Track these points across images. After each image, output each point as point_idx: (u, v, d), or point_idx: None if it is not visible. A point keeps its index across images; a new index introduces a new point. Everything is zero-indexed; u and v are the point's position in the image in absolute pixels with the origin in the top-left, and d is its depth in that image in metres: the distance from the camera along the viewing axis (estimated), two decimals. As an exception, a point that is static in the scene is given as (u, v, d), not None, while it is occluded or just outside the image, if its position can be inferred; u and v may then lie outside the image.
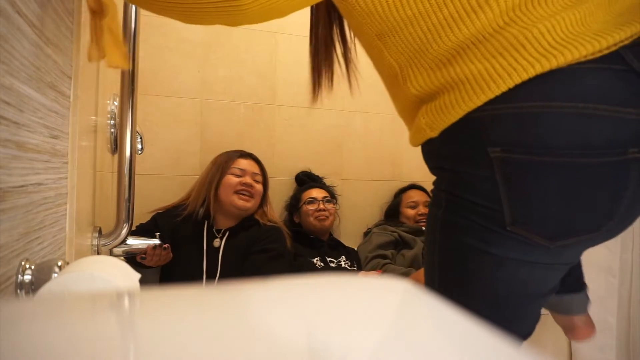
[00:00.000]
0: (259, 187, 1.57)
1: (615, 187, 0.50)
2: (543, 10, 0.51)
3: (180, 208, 1.56)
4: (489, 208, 0.53)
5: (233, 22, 0.55)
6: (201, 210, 1.53)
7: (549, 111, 0.49)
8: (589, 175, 0.50)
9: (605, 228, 0.52)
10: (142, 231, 1.51)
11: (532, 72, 0.49)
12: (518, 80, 0.49)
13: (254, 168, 1.58)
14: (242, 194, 1.51)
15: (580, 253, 0.58)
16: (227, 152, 1.61)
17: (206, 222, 1.52)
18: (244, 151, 1.63)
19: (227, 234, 1.51)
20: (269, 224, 1.57)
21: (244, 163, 1.57)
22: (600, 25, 0.50)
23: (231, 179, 1.52)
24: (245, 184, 1.52)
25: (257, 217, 1.58)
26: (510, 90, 0.50)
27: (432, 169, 0.63)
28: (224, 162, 1.56)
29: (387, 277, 0.31)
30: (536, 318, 0.63)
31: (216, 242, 1.49)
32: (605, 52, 0.48)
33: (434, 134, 0.57)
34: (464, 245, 0.57)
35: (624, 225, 0.54)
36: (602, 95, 0.48)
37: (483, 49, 0.52)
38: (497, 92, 0.50)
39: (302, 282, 0.30)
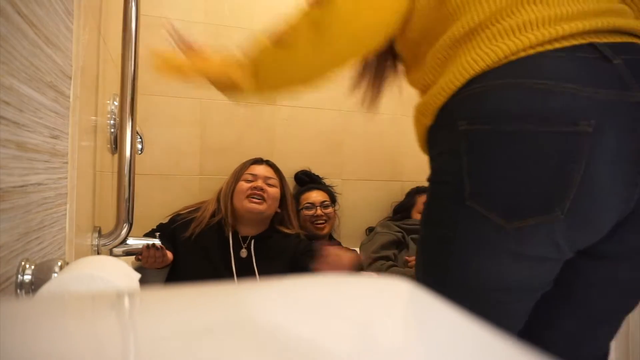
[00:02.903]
0: (272, 190, 1.53)
1: (564, 159, 0.51)
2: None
3: (200, 211, 1.55)
4: (454, 185, 0.57)
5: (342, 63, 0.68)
6: (219, 219, 1.51)
7: (508, 85, 0.54)
8: (541, 146, 0.51)
9: (559, 210, 0.51)
10: (159, 230, 1.52)
11: (494, 58, 0.55)
12: (483, 66, 0.55)
13: (268, 172, 1.56)
14: (253, 197, 1.49)
15: (549, 245, 0.54)
16: (244, 162, 1.61)
17: (230, 231, 1.49)
18: (259, 158, 1.62)
19: (252, 242, 1.50)
20: (291, 232, 1.56)
21: (256, 169, 1.56)
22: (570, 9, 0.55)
23: (242, 185, 1.51)
24: (255, 188, 1.49)
25: (280, 228, 1.56)
26: (482, 74, 0.56)
27: (430, 159, 0.67)
28: (237, 172, 1.56)
29: (389, 277, 0.31)
30: (523, 316, 0.61)
31: (243, 253, 1.48)
32: (576, 42, 0.53)
33: (427, 120, 0.63)
34: (439, 236, 0.61)
35: (587, 214, 0.52)
36: (554, 74, 0.52)
37: (469, 44, 0.58)
38: (472, 74, 0.56)
39: (302, 282, 0.30)
